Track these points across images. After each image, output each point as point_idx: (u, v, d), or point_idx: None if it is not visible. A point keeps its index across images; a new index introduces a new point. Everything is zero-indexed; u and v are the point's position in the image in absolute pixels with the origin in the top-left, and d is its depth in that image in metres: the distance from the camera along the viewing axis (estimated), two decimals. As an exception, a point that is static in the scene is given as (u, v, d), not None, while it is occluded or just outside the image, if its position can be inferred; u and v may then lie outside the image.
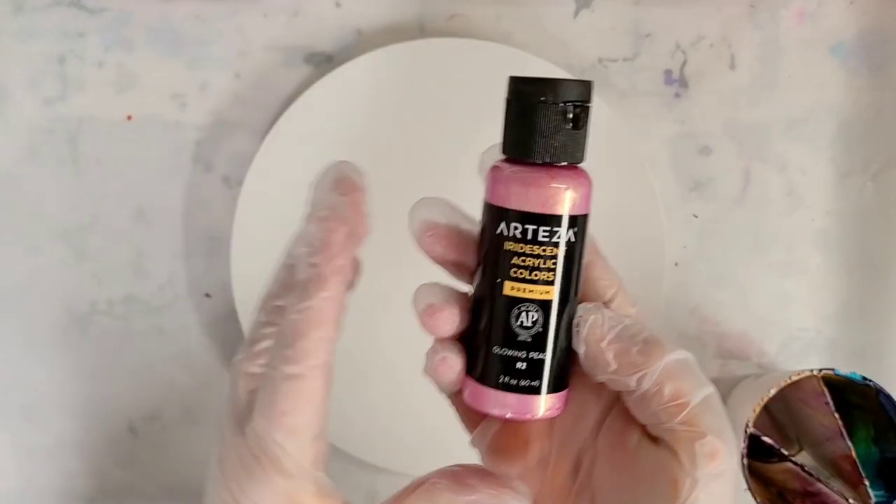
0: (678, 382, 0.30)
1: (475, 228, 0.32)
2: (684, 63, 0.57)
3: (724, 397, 0.58)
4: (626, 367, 0.30)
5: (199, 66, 0.57)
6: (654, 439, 0.31)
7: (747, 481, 0.51)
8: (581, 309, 0.31)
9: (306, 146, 0.55)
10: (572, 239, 0.30)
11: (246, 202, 0.55)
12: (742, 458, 0.51)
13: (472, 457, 0.49)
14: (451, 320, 0.31)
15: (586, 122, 0.29)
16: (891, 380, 0.57)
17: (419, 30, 0.57)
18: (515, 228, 0.29)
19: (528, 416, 0.30)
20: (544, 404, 0.30)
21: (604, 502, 0.32)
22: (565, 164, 0.29)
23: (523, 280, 0.29)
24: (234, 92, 0.57)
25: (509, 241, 0.29)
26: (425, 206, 0.32)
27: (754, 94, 0.56)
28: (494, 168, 0.30)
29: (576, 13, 0.56)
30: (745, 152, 0.57)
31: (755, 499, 0.51)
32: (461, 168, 0.53)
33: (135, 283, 0.58)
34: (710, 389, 0.30)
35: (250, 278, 0.56)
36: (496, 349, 0.30)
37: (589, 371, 0.31)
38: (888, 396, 0.51)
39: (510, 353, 0.30)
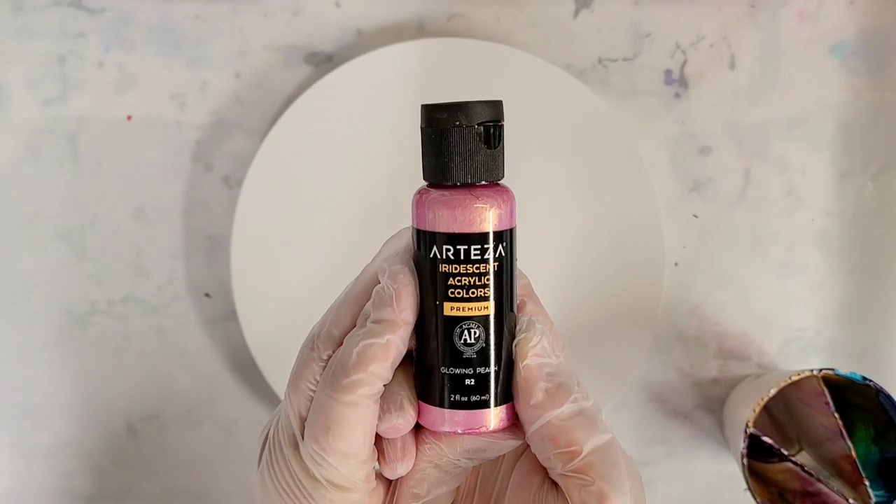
0: (573, 432, 0.30)
1: None
2: (684, 63, 0.57)
3: (724, 397, 0.58)
4: (531, 407, 0.31)
5: (199, 66, 0.57)
6: (555, 483, 0.32)
7: (747, 481, 0.51)
8: (524, 325, 0.32)
9: (306, 146, 0.56)
10: (502, 253, 0.31)
11: (246, 202, 0.55)
12: (742, 458, 0.51)
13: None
14: (405, 427, 0.32)
15: (500, 139, 0.30)
16: (891, 380, 0.57)
17: (419, 30, 0.57)
18: (448, 251, 0.30)
19: (483, 430, 0.31)
20: (494, 417, 0.31)
21: None
22: (485, 182, 0.30)
23: (461, 299, 0.30)
24: (234, 92, 0.57)
25: (443, 263, 0.30)
26: (393, 241, 0.34)
27: (754, 94, 0.56)
28: (420, 194, 0.31)
29: (576, 13, 0.56)
30: (745, 152, 0.57)
31: (755, 499, 0.51)
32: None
33: (135, 283, 0.58)
34: (605, 438, 0.30)
35: (250, 278, 0.56)
36: (443, 369, 0.31)
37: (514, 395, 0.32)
38: (888, 396, 0.51)
39: (458, 371, 0.31)
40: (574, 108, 0.55)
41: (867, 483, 0.51)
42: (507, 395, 0.31)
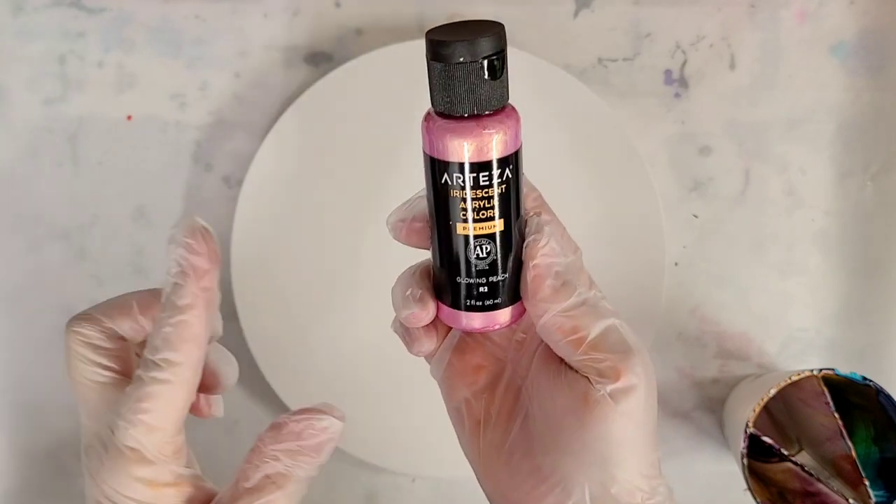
0: (577, 319, 0.33)
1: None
2: (684, 63, 0.57)
3: (724, 397, 0.58)
4: (538, 301, 0.34)
5: (199, 66, 0.57)
6: (572, 370, 0.34)
7: (747, 481, 0.51)
8: (534, 227, 0.34)
9: (306, 146, 0.56)
10: (509, 176, 0.32)
11: (246, 202, 0.55)
12: (742, 458, 0.51)
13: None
14: (427, 318, 0.35)
15: (503, 68, 0.32)
16: (891, 380, 0.57)
17: (419, 30, 0.57)
18: (458, 178, 0.32)
19: (496, 327, 0.34)
20: (506, 315, 0.34)
21: (534, 423, 0.35)
22: (490, 112, 0.32)
23: (472, 220, 0.33)
24: (234, 92, 0.57)
25: (454, 189, 0.32)
26: (398, 211, 0.36)
27: (754, 94, 0.57)
28: (428, 120, 0.33)
29: (576, 13, 0.56)
30: (745, 152, 0.57)
31: (755, 499, 0.51)
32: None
33: (135, 283, 0.58)
34: (608, 321, 0.33)
35: (250, 278, 0.56)
36: (459, 279, 0.34)
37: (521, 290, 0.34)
38: (888, 396, 0.51)
39: (471, 280, 0.33)
40: (574, 108, 0.55)
41: (867, 483, 0.51)
42: (516, 295, 0.34)
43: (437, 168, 0.32)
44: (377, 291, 0.57)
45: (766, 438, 0.51)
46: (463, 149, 0.31)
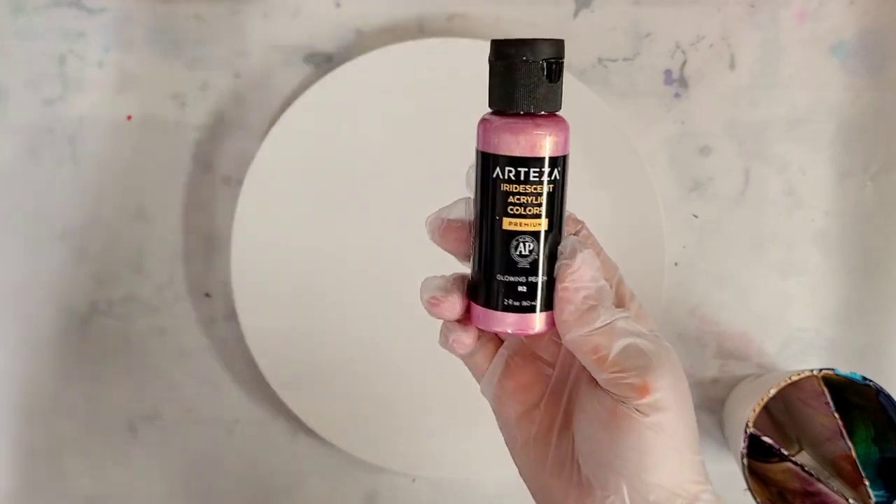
0: (597, 338, 0.34)
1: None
2: (684, 63, 0.57)
3: (724, 397, 0.58)
4: (562, 322, 0.35)
5: (199, 66, 0.57)
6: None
7: (747, 481, 0.51)
8: (568, 250, 0.35)
9: (306, 146, 0.56)
10: (557, 177, 0.34)
11: (246, 202, 0.55)
12: (742, 458, 0.51)
13: (471, 458, 0.49)
14: (453, 308, 0.35)
15: (560, 75, 0.34)
16: (891, 380, 0.57)
17: (419, 30, 0.57)
18: (509, 172, 0.33)
19: (530, 331, 0.35)
20: (540, 321, 0.35)
21: (577, 437, 0.36)
22: (545, 112, 0.34)
23: (519, 216, 0.34)
24: (234, 92, 0.57)
25: (504, 182, 0.34)
26: (441, 212, 0.37)
27: (754, 94, 0.56)
28: (484, 121, 0.34)
29: (576, 13, 0.56)
30: (745, 152, 0.57)
31: (755, 499, 0.51)
32: (460, 167, 0.53)
33: (135, 283, 0.58)
34: (627, 340, 0.34)
35: (250, 278, 0.56)
36: (499, 276, 0.34)
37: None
38: (888, 396, 0.51)
39: (512, 278, 0.34)
40: (574, 108, 0.55)
41: (867, 483, 0.51)
42: (550, 303, 0.35)
43: (488, 162, 0.34)
44: (377, 291, 0.57)
45: (766, 438, 0.51)
46: (517, 143, 0.33)
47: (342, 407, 0.57)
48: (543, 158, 0.34)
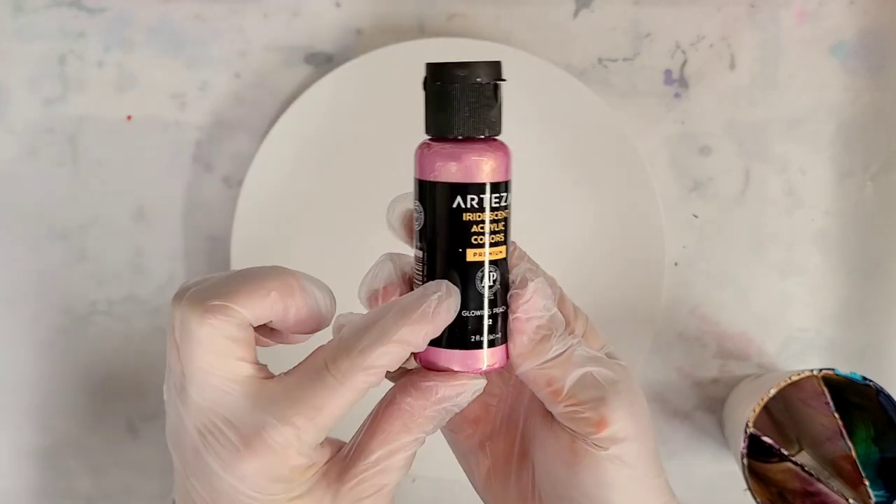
0: (551, 371, 0.32)
1: None
2: (684, 63, 0.57)
3: (724, 397, 0.58)
4: (516, 356, 0.33)
5: (199, 66, 0.57)
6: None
7: (747, 481, 0.51)
8: (518, 280, 0.33)
9: (306, 146, 0.56)
10: (509, 202, 0.33)
11: (246, 202, 0.55)
12: (742, 458, 0.51)
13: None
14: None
15: (498, 97, 0.33)
16: (891, 380, 0.57)
17: (419, 30, 0.57)
18: (472, 200, 0.32)
19: (480, 367, 0.33)
20: (492, 356, 0.33)
21: (536, 470, 0.35)
22: (485, 137, 0.32)
23: (482, 245, 0.32)
24: (234, 92, 0.57)
25: (468, 212, 0.32)
26: (403, 200, 0.35)
27: (754, 94, 0.56)
28: (427, 147, 0.33)
29: (576, 13, 0.56)
30: (745, 152, 0.57)
31: (755, 499, 0.51)
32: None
33: (135, 283, 0.58)
34: (582, 371, 0.33)
35: (250, 278, 0.56)
36: (465, 312, 0.32)
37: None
38: (888, 396, 0.51)
39: (478, 312, 0.32)
40: (574, 108, 0.55)
41: (867, 483, 0.51)
42: (499, 338, 0.33)
43: (446, 192, 0.32)
44: (377, 291, 0.57)
45: (766, 438, 0.51)
46: (479, 168, 0.32)
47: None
48: (494, 183, 0.32)
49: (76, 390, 0.59)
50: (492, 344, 0.33)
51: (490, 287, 0.32)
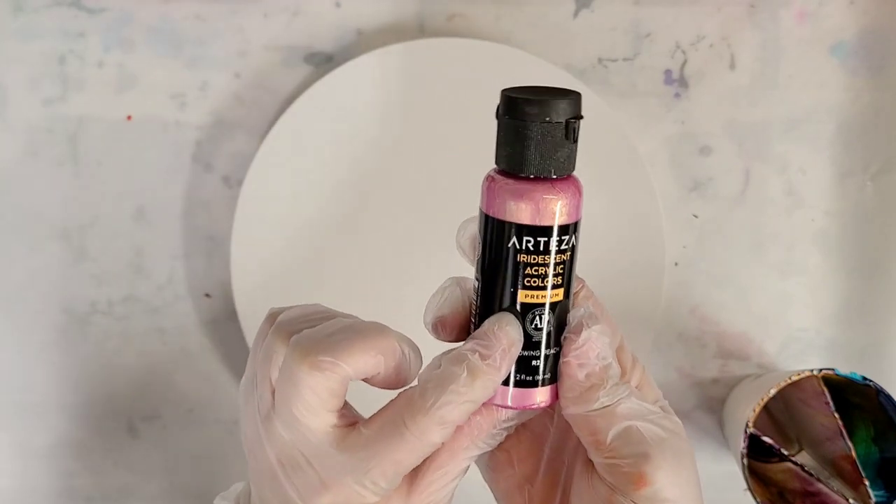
0: (594, 421, 0.32)
1: None
2: (684, 63, 0.57)
3: (724, 397, 0.58)
4: (563, 399, 0.33)
5: (199, 66, 0.57)
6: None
7: (747, 481, 0.51)
8: (573, 325, 0.33)
9: (306, 146, 0.56)
10: (574, 244, 0.32)
11: (246, 202, 0.55)
12: (742, 458, 0.51)
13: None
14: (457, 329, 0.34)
15: (578, 135, 0.31)
16: (891, 380, 0.57)
17: (419, 30, 0.57)
18: (528, 242, 0.31)
19: (533, 405, 0.33)
20: (542, 395, 0.33)
21: None
22: (558, 176, 0.31)
23: (537, 287, 0.31)
24: (234, 92, 0.57)
25: (522, 253, 0.31)
26: (472, 222, 0.34)
27: (754, 94, 0.57)
28: (493, 181, 0.32)
29: (576, 13, 0.56)
30: (745, 152, 0.57)
31: (755, 499, 0.51)
32: (461, 167, 0.53)
33: (135, 283, 0.58)
34: (624, 424, 0.32)
35: (250, 278, 0.56)
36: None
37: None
38: (888, 396, 0.51)
39: (525, 353, 0.32)
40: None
41: (867, 483, 0.51)
42: (555, 376, 0.33)
43: (503, 230, 0.31)
44: (378, 291, 0.57)
45: (766, 438, 0.51)
46: (537, 211, 0.31)
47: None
48: (567, 226, 0.31)
49: (76, 390, 0.59)
50: (545, 383, 0.33)
51: (540, 329, 0.32)
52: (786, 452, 0.52)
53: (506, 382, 0.32)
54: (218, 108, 0.57)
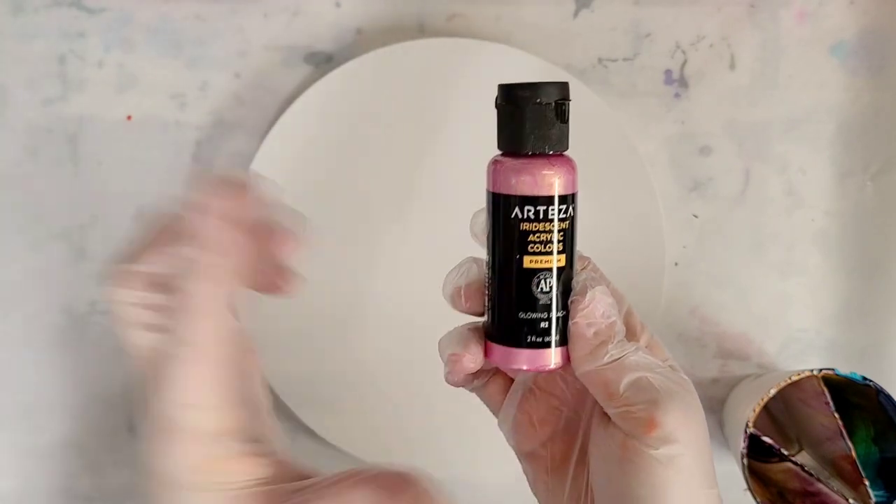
0: (606, 374, 0.34)
1: None
2: (684, 63, 0.57)
3: (724, 397, 0.58)
4: (574, 359, 0.36)
5: (199, 66, 0.57)
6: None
7: (747, 481, 0.51)
8: (578, 288, 0.36)
9: (306, 146, 0.56)
10: (571, 213, 0.35)
11: (246, 202, 0.55)
12: (742, 458, 0.51)
13: (472, 458, 0.49)
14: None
15: (568, 116, 0.36)
16: (891, 380, 0.57)
17: (419, 30, 0.57)
18: (528, 210, 0.34)
19: (546, 367, 0.35)
20: (555, 356, 0.36)
21: (591, 471, 0.36)
22: (555, 153, 0.35)
23: (540, 253, 0.35)
24: (234, 92, 0.57)
25: (524, 222, 0.35)
26: (484, 212, 0.37)
27: (754, 94, 0.57)
28: (497, 162, 0.35)
29: (576, 13, 0.56)
30: (745, 152, 0.57)
31: (755, 499, 0.51)
32: (461, 167, 0.53)
33: (135, 283, 0.58)
34: (636, 374, 0.34)
35: (250, 278, 0.56)
36: (521, 314, 0.35)
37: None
38: (888, 396, 0.51)
39: (534, 315, 0.35)
40: (574, 108, 0.55)
41: (867, 483, 0.51)
42: (565, 338, 0.36)
43: (506, 203, 0.35)
44: (377, 291, 0.57)
45: (766, 438, 0.51)
46: (534, 183, 0.34)
47: (342, 407, 0.57)
48: (565, 196, 0.35)
49: (76, 390, 0.59)
50: (557, 345, 0.35)
51: (546, 293, 0.35)
52: (786, 452, 0.52)
53: (518, 345, 0.35)
54: (218, 108, 0.57)
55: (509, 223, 0.35)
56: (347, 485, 0.34)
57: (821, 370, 0.51)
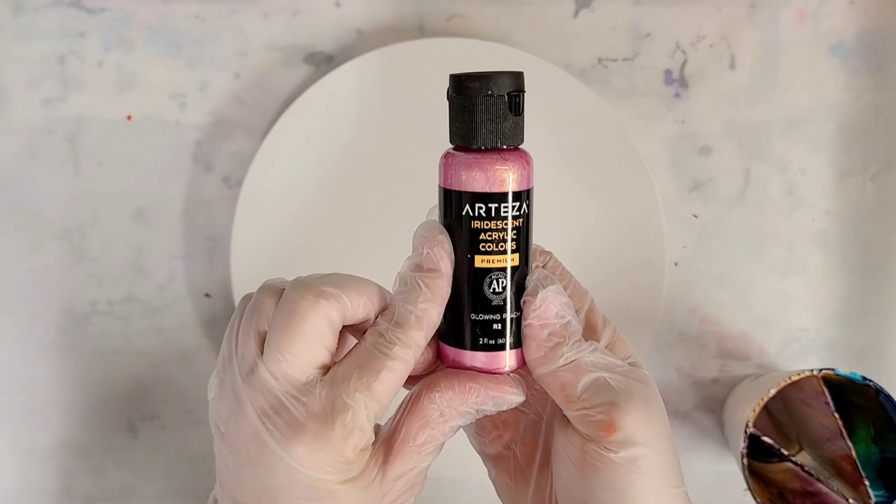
0: (562, 376, 0.33)
1: None
2: (684, 63, 0.57)
3: (724, 397, 0.58)
4: (530, 361, 0.34)
5: (199, 66, 0.57)
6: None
7: (747, 481, 0.51)
8: (531, 287, 0.34)
9: (306, 146, 0.56)
10: (525, 210, 0.34)
11: (246, 202, 0.55)
12: (742, 458, 0.51)
13: (471, 458, 0.49)
14: (423, 362, 0.35)
15: (523, 108, 0.33)
16: (891, 380, 0.57)
17: (419, 30, 0.57)
18: (479, 208, 0.33)
19: (501, 369, 0.34)
20: (510, 358, 0.34)
21: (553, 474, 0.35)
22: (508, 147, 0.33)
23: (492, 252, 0.33)
24: (234, 92, 0.57)
25: (476, 220, 0.33)
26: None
27: (754, 94, 0.57)
28: (448, 157, 0.34)
29: (576, 13, 0.56)
30: (745, 152, 0.57)
31: (755, 499, 0.51)
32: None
33: (135, 283, 0.58)
34: (593, 375, 0.33)
35: (250, 278, 0.56)
36: (474, 315, 0.34)
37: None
38: (888, 396, 0.51)
39: (487, 316, 0.34)
40: (574, 108, 0.55)
41: (867, 483, 0.51)
42: (519, 341, 0.34)
43: (456, 200, 0.33)
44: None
45: (766, 438, 0.51)
46: (485, 179, 0.33)
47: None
48: (518, 192, 0.33)
49: (76, 390, 0.59)
50: (511, 347, 0.34)
51: (498, 294, 0.33)
52: (786, 452, 0.52)
53: (473, 348, 0.34)
54: (218, 108, 0.57)
55: (460, 221, 0.33)
56: None
57: (821, 370, 0.51)
